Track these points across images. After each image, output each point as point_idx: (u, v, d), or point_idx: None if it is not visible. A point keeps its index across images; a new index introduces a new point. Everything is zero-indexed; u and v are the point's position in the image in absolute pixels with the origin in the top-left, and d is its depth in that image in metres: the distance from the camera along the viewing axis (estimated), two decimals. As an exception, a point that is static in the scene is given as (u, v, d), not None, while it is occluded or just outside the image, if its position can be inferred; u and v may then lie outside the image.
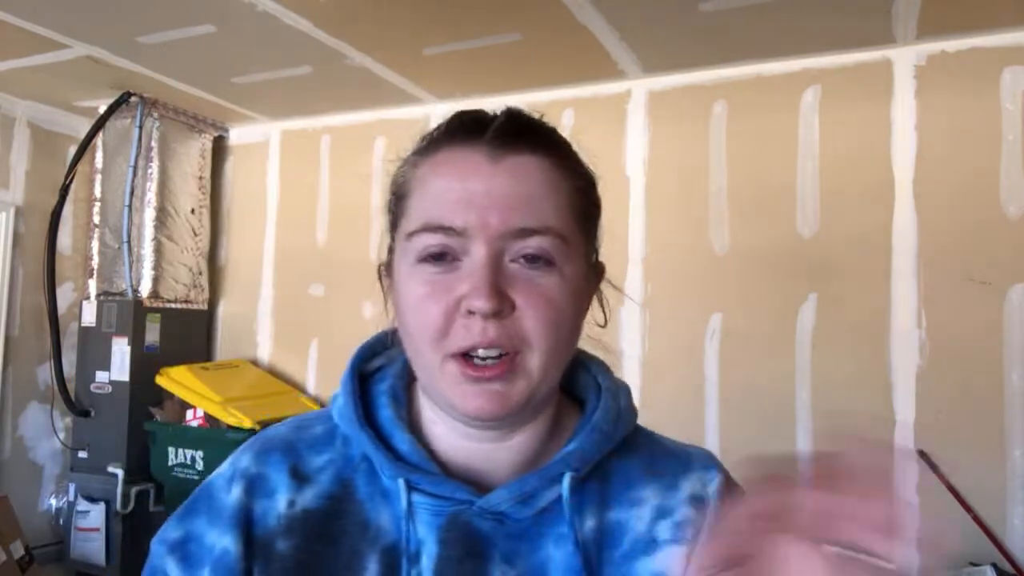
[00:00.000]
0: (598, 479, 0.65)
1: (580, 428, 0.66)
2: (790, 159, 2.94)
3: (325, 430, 0.67)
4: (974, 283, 2.66)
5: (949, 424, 2.65)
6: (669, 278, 3.09)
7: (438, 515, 0.61)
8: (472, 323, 0.56)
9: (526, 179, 0.59)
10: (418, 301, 0.58)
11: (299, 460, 0.65)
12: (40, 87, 3.51)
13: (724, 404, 2.98)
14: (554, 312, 0.58)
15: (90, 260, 3.75)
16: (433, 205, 0.59)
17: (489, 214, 0.57)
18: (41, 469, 3.81)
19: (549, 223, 0.58)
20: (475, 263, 0.57)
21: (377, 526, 0.62)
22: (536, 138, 0.61)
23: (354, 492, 0.63)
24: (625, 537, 0.63)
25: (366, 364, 0.71)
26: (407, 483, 0.61)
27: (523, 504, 0.61)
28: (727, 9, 2.51)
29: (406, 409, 0.66)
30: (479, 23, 2.67)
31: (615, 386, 0.70)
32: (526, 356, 0.58)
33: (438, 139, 0.62)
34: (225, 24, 2.73)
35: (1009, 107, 2.67)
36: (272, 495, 0.63)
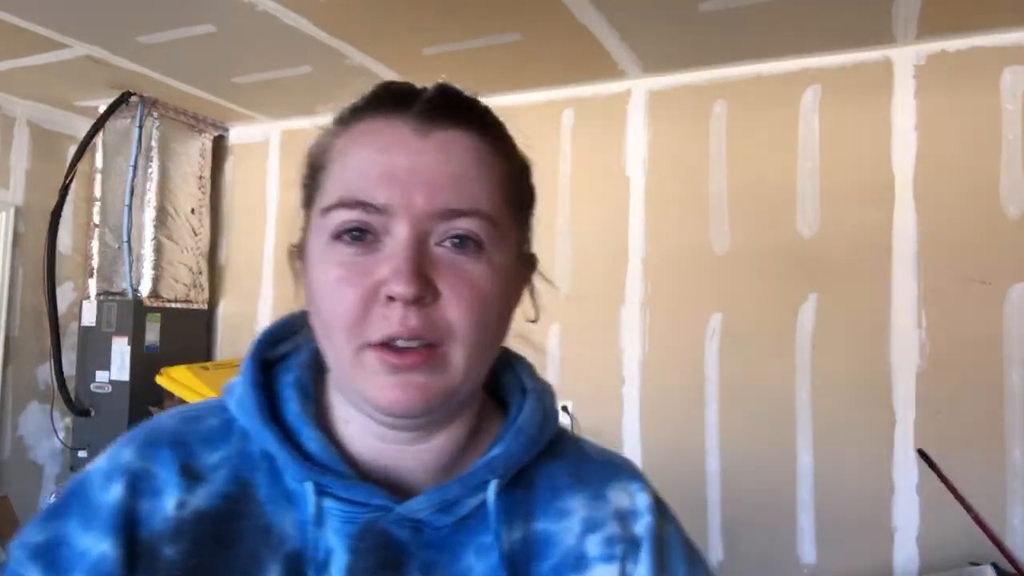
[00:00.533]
0: (522, 486, 0.61)
1: (505, 431, 0.61)
2: (790, 159, 2.94)
3: (220, 423, 0.60)
4: (974, 283, 2.66)
5: (949, 424, 2.65)
6: (669, 278, 3.09)
7: (350, 522, 0.55)
8: (391, 311, 0.51)
9: (456, 156, 0.54)
10: (332, 285, 0.53)
11: (190, 456, 0.58)
12: (40, 87, 3.51)
13: (724, 404, 2.98)
14: (481, 302, 0.53)
15: (90, 260, 3.75)
16: (352, 178, 0.54)
17: (414, 191, 0.52)
18: (41, 469, 3.81)
19: (479, 205, 0.53)
20: (397, 244, 0.52)
21: (280, 531, 0.56)
22: (468, 114, 0.56)
23: (254, 493, 0.57)
24: (553, 550, 0.60)
25: (270, 351, 0.63)
26: (317, 486, 0.55)
27: (443, 511, 0.57)
28: (727, 9, 2.51)
29: (315, 404, 0.60)
30: (479, 23, 2.67)
31: (540, 387, 0.65)
32: (450, 348, 0.53)
33: (361, 108, 0.57)
34: (225, 24, 2.73)
35: (1009, 107, 2.67)
36: (159, 494, 0.56)
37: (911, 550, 2.66)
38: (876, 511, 2.71)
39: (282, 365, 0.62)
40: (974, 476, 2.59)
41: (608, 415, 3.11)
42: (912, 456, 2.68)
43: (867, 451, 2.74)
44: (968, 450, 2.61)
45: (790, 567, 2.81)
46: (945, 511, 2.61)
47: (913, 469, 2.68)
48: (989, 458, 2.59)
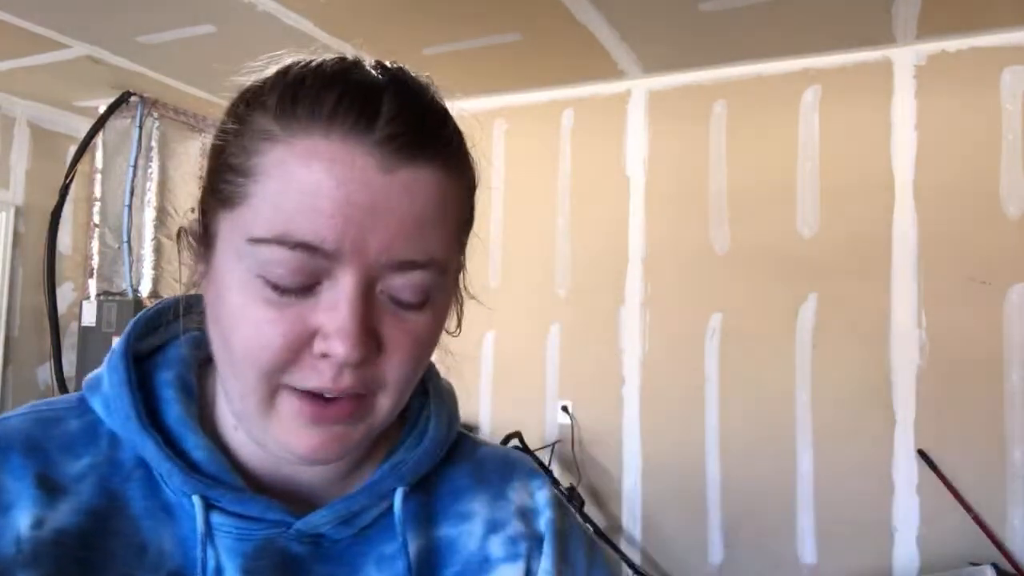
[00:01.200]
0: (423, 492, 0.58)
1: (406, 435, 0.58)
2: (790, 159, 2.94)
3: (82, 425, 0.52)
4: (974, 283, 2.66)
5: (949, 424, 2.65)
6: (669, 278, 3.09)
7: (243, 539, 0.50)
8: (324, 366, 0.45)
9: (421, 199, 0.46)
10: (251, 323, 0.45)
11: (48, 465, 0.49)
12: (40, 87, 3.51)
13: (724, 404, 2.98)
14: (421, 351, 0.49)
15: (90, 260, 3.75)
16: (295, 210, 0.44)
17: (369, 236, 0.44)
18: (41, 469, 3.81)
19: (435, 254, 0.47)
20: (341, 294, 0.45)
21: (158, 549, 0.49)
22: (435, 141, 0.48)
23: (125, 506, 0.50)
24: (456, 556, 0.57)
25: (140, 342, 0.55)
26: (204, 500, 0.49)
27: (345, 523, 0.53)
28: (727, 9, 2.51)
29: (197, 404, 0.53)
30: (479, 23, 2.67)
31: (444, 390, 0.62)
32: (378, 398, 0.49)
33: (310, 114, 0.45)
34: (225, 24, 2.73)
35: (1009, 107, 2.67)
36: (8, 510, 0.47)
37: (911, 550, 2.66)
38: (876, 511, 2.71)
39: (157, 359, 0.55)
40: (974, 476, 2.59)
41: (608, 415, 3.11)
42: (912, 456, 2.68)
43: (867, 451, 2.74)
44: (968, 450, 2.61)
45: (790, 567, 2.81)
46: (945, 511, 2.61)
47: (913, 469, 2.68)
48: (989, 458, 2.59)
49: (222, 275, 0.47)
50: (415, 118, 0.47)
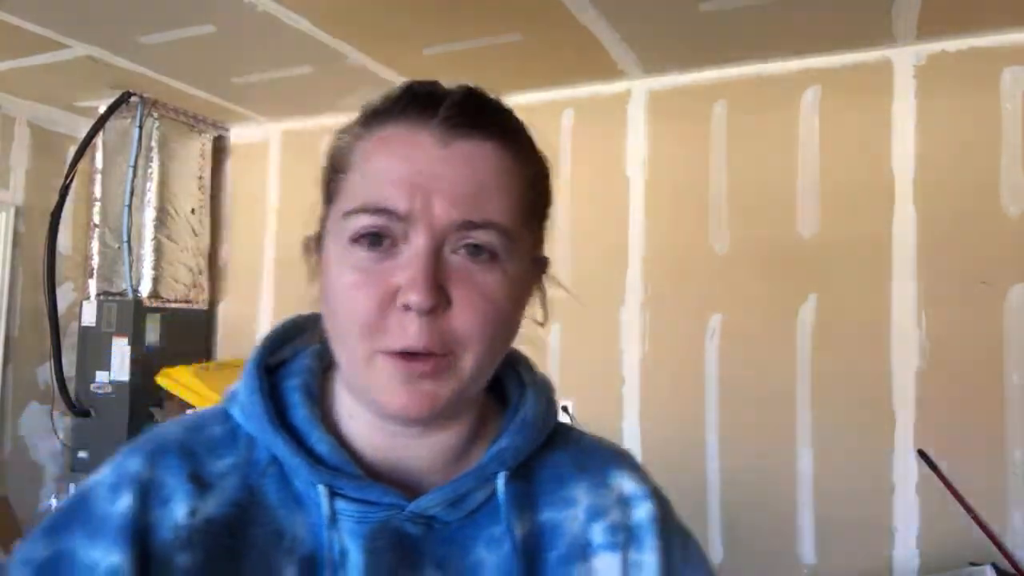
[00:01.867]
0: (524, 478, 0.62)
1: (508, 424, 0.62)
2: (790, 159, 2.94)
3: (225, 431, 0.60)
4: (974, 283, 2.66)
5: (949, 424, 2.65)
6: (669, 278, 3.09)
7: (363, 522, 0.56)
8: (408, 321, 0.52)
9: (477, 167, 0.55)
10: (348, 289, 0.54)
11: (198, 464, 0.57)
12: (40, 87, 3.51)
13: (724, 404, 2.97)
14: (493, 311, 0.54)
15: (90, 260, 3.75)
16: (374, 185, 0.55)
17: (435, 201, 0.53)
18: (41, 469, 3.81)
19: (496, 218, 0.54)
20: (414, 253, 0.53)
21: (292, 535, 0.56)
22: (492, 122, 0.57)
23: (263, 499, 0.57)
24: (560, 539, 0.61)
25: (271, 356, 0.64)
26: (329, 489, 0.56)
27: (454, 506, 0.58)
28: (727, 9, 2.51)
29: (320, 406, 0.61)
30: (479, 23, 2.67)
31: (540, 380, 0.68)
32: (460, 357, 0.54)
33: (384, 112, 0.58)
34: (225, 24, 2.73)
35: (1009, 107, 2.67)
36: (168, 503, 0.55)
37: (911, 550, 2.66)
38: (876, 511, 2.71)
39: (285, 370, 0.63)
40: (974, 476, 2.59)
41: (608, 415, 3.11)
42: (912, 456, 2.68)
43: (867, 451, 2.74)
44: (968, 450, 2.61)
45: (790, 567, 2.81)
46: (945, 511, 2.61)
47: (913, 469, 2.68)
48: (989, 458, 2.59)
49: (327, 257, 0.57)
50: (472, 107, 0.56)
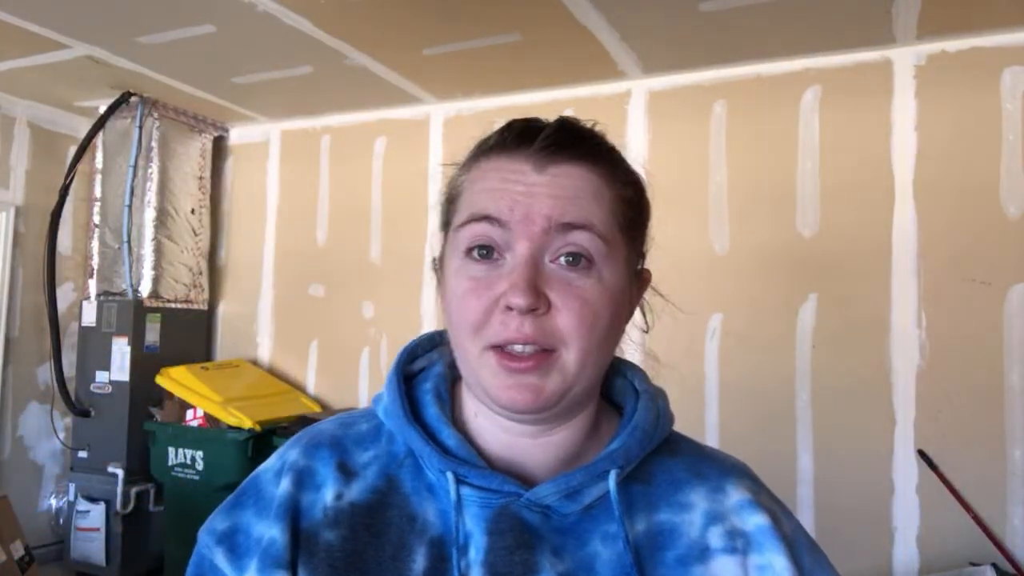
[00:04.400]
0: (643, 481, 0.66)
1: (621, 429, 0.67)
2: (790, 159, 2.94)
3: (370, 428, 0.69)
4: (974, 283, 2.66)
5: (949, 424, 2.65)
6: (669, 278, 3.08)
7: (485, 507, 0.62)
8: (509, 319, 0.58)
9: (568, 185, 0.61)
10: (462, 296, 0.61)
11: (346, 455, 0.67)
12: (40, 87, 3.51)
13: (724, 404, 2.98)
14: (590, 313, 0.60)
15: (90, 260, 3.75)
16: (480, 200, 0.62)
17: (532, 212, 0.60)
18: (41, 469, 3.81)
19: (590, 221, 0.60)
20: (516, 260, 0.59)
21: (424, 519, 0.63)
22: (582, 149, 0.63)
23: (399, 486, 0.65)
24: (678, 541, 0.64)
25: (409, 366, 0.72)
26: (456, 476, 0.62)
27: (569, 499, 0.63)
28: (727, 9, 2.51)
29: (450, 408, 0.68)
30: (479, 23, 2.67)
31: (653, 390, 0.73)
32: (561, 353, 0.59)
33: (490, 147, 0.65)
34: (225, 24, 2.73)
35: (1009, 107, 2.67)
36: (320, 488, 0.64)
37: (911, 550, 2.66)
38: (876, 511, 2.71)
39: (420, 376, 0.71)
40: (974, 476, 2.60)
41: (608, 415, 3.11)
42: (912, 456, 2.68)
43: (867, 451, 2.74)
44: (968, 450, 2.61)
45: (790, 567, 2.81)
46: (945, 511, 2.61)
47: (913, 469, 2.68)
48: (989, 458, 2.59)
49: (447, 272, 0.64)
50: (564, 136, 0.63)
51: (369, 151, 3.74)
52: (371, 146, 3.74)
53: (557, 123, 0.65)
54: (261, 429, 3.22)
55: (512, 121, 0.66)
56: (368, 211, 3.72)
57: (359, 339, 3.68)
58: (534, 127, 0.64)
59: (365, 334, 3.67)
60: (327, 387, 3.77)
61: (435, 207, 0.70)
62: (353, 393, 3.68)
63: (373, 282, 3.68)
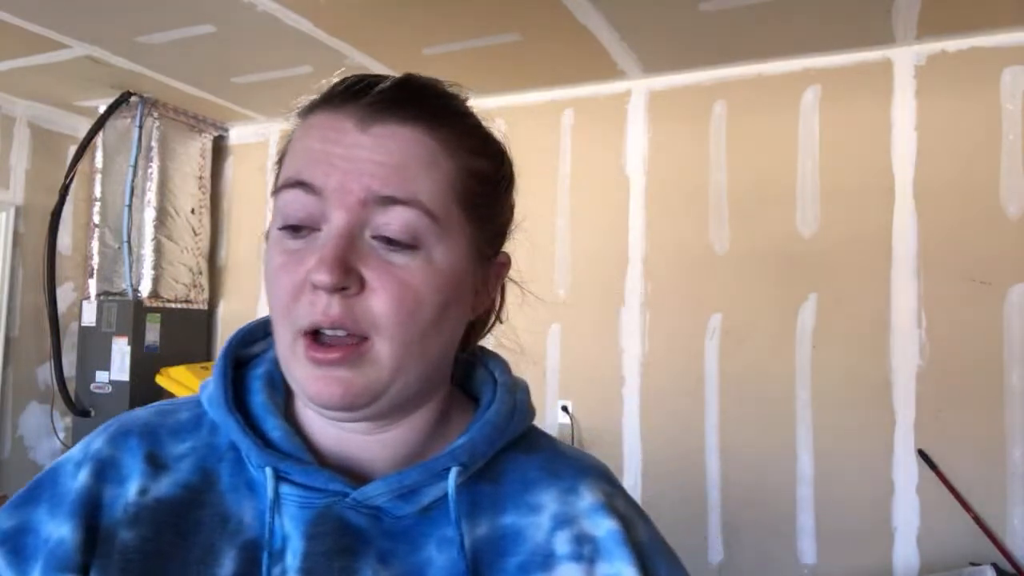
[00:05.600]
0: (491, 480, 0.60)
1: (473, 423, 0.61)
2: (790, 159, 2.95)
3: (191, 416, 0.62)
4: (974, 283, 2.66)
5: (949, 424, 2.65)
6: (669, 278, 3.09)
7: (307, 508, 0.55)
8: (317, 299, 0.52)
9: (395, 149, 0.53)
10: (274, 272, 0.55)
11: (157, 445, 0.59)
12: (40, 87, 3.51)
13: (724, 404, 2.98)
14: (410, 297, 0.52)
15: (90, 260, 3.75)
16: (296, 164, 0.55)
17: (349, 179, 0.52)
18: (41, 469, 3.80)
19: (417, 196, 0.53)
20: (328, 233, 0.53)
21: (239, 519, 0.56)
22: (420, 108, 0.55)
23: (216, 482, 0.58)
24: (521, 546, 0.58)
25: (245, 349, 0.65)
26: (275, 472, 0.55)
27: (403, 500, 0.56)
28: (727, 9, 2.51)
29: (283, 396, 0.61)
30: (479, 23, 2.67)
31: (512, 381, 0.65)
32: (376, 344, 0.53)
33: (317, 102, 0.58)
34: (225, 24, 2.73)
35: (1009, 107, 2.67)
36: (123, 482, 0.57)
37: (911, 550, 2.66)
38: (876, 511, 2.71)
39: (255, 361, 0.64)
40: (974, 476, 2.60)
41: (608, 415, 3.11)
42: (912, 456, 2.68)
43: (867, 451, 2.74)
44: (968, 450, 2.61)
45: (790, 567, 2.81)
46: (945, 511, 2.61)
47: (913, 469, 2.68)
48: (989, 458, 2.59)
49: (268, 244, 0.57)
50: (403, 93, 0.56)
51: (369, 151, 3.74)
52: (371, 146, 3.73)
53: (397, 79, 0.57)
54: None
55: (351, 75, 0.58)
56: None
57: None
58: (370, 81, 0.56)
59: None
60: (327, 387, 3.76)
61: None
62: (353, 393, 3.68)
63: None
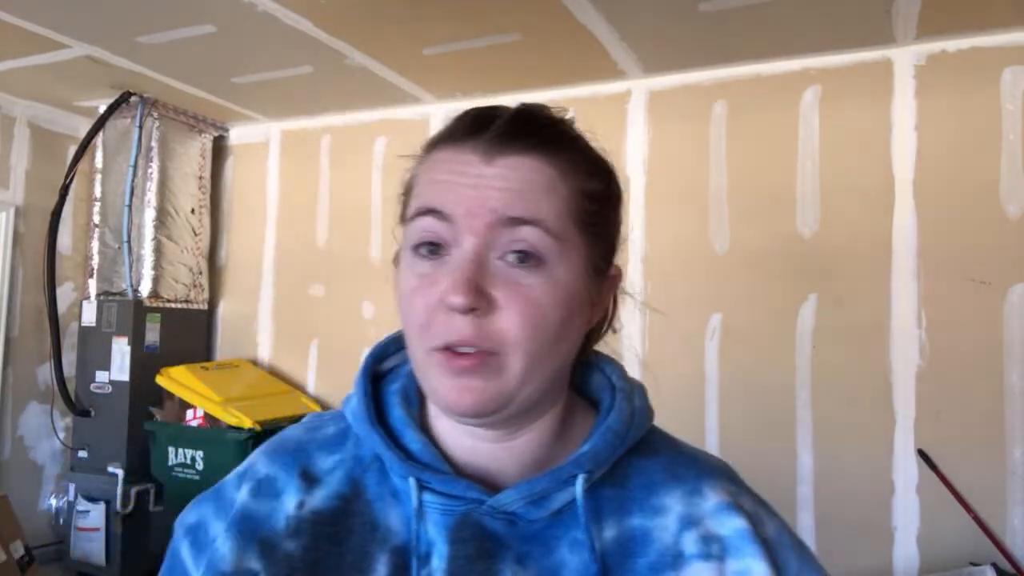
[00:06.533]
0: (616, 484, 0.63)
1: (595, 429, 0.64)
2: (790, 159, 2.94)
3: (337, 431, 0.68)
4: (974, 283, 2.66)
5: (949, 424, 2.65)
6: (669, 278, 3.09)
7: (448, 514, 0.60)
8: (451, 319, 0.56)
9: (518, 178, 0.58)
10: (408, 294, 0.59)
11: (309, 461, 0.65)
12: (40, 87, 3.51)
13: (724, 404, 2.98)
14: (537, 314, 0.56)
15: (90, 260, 3.75)
16: (427, 194, 0.59)
17: (476, 206, 0.57)
18: (41, 469, 3.81)
19: (540, 217, 0.57)
20: (458, 257, 0.56)
21: (386, 526, 0.61)
22: (536, 139, 0.59)
23: (364, 492, 0.63)
24: (650, 547, 0.61)
25: (379, 365, 0.70)
26: (418, 482, 0.60)
27: (535, 505, 0.60)
28: (727, 9, 2.51)
29: (418, 409, 0.66)
30: (479, 23, 2.67)
31: (630, 386, 0.69)
32: (505, 356, 0.56)
33: (441, 138, 0.62)
34: (225, 24, 2.73)
35: (1009, 107, 2.67)
36: (279, 496, 0.63)
37: (911, 550, 2.66)
38: (876, 511, 2.71)
39: (389, 377, 0.69)
40: (974, 476, 2.59)
41: (608, 415, 3.11)
42: (912, 456, 2.68)
43: (867, 451, 2.74)
44: (968, 450, 2.61)
45: (790, 567, 2.81)
46: (945, 511, 2.61)
47: (913, 469, 2.68)
48: (989, 458, 2.59)
49: (400, 267, 0.61)
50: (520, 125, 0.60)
51: (369, 151, 3.74)
52: (371, 146, 3.74)
53: (513, 111, 0.61)
54: (261, 429, 3.22)
55: (469, 109, 0.63)
56: (368, 211, 3.72)
57: (359, 339, 3.67)
58: (488, 115, 0.60)
59: (365, 334, 3.66)
60: (327, 387, 3.77)
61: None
62: (353, 393, 3.68)
63: (373, 282, 3.68)
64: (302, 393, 3.75)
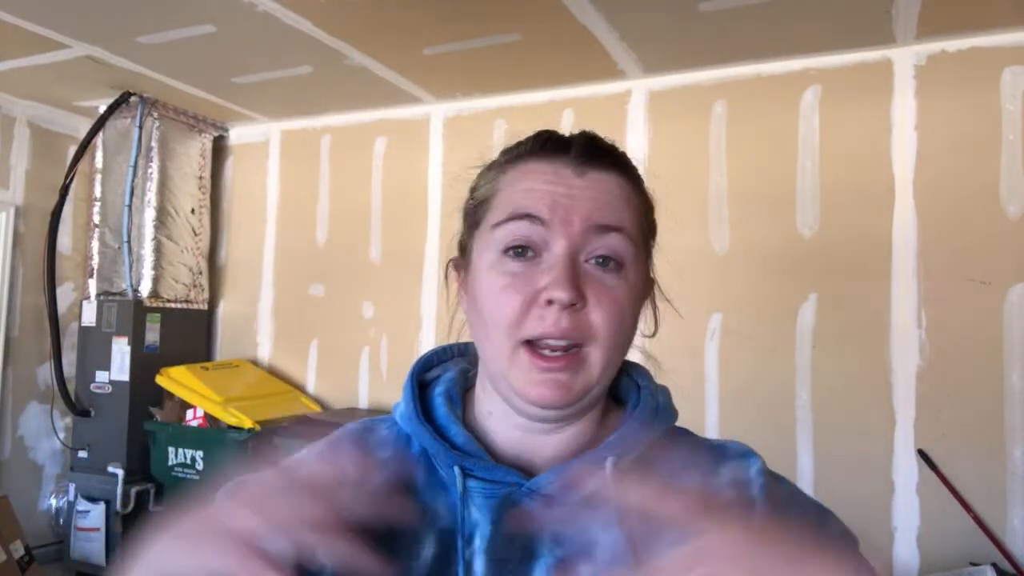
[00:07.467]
0: (644, 470, 0.69)
1: (622, 423, 0.71)
2: (790, 159, 2.94)
3: (389, 432, 0.75)
4: (974, 283, 2.66)
5: (949, 424, 2.65)
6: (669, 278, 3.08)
7: (490, 497, 0.66)
8: (548, 313, 0.62)
9: (605, 190, 0.66)
10: (499, 291, 0.64)
11: (367, 451, 0.72)
12: (40, 87, 3.51)
13: (724, 404, 2.98)
14: (619, 312, 0.64)
15: (90, 260, 3.75)
16: (521, 199, 0.65)
17: (572, 212, 0.63)
18: (41, 469, 3.81)
19: (623, 224, 0.65)
20: (555, 257, 0.63)
21: (434, 511, 0.67)
22: (613, 158, 0.68)
23: (413, 483, 0.70)
24: None
25: (423, 375, 0.77)
26: (462, 469, 0.66)
27: (569, 488, 0.66)
28: (727, 9, 2.51)
29: (461, 409, 0.73)
30: (479, 23, 2.67)
31: (654, 387, 0.77)
32: (590, 350, 0.63)
33: (526, 152, 0.69)
34: (225, 24, 2.73)
35: (1009, 107, 2.67)
36: None
37: (911, 550, 2.66)
38: (876, 511, 2.71)
39: (434, 383, 0.76)
40: (974, 476, 2.59)
41: (608, 415, 3.11)
42: (912, 456, 2.68)
43: (867, 451, 2.74)
44: (968, 450, 2.61)
45: (790, 567, 2.81)
46: (945, 511, 2.61)
47: (913, 469, 2.68)
48: (989, 458, 2.59)
49: (476, 269, 0.67)
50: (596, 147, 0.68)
51: (369, 151, 3.74)
52: (371, 146, 3.74)
53: (587, 134, 0.69)
54: (261, 429, 3.22)
55: (541, 131, 0.70)
56: (368, 211, 3.72)
57: (359, 339, 3.68)
58: (562, 137, 0.69)
59: (365, 334, 3.67)
60: (327, 387, 3.77)
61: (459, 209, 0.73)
62: (353, 393, 3.68)
63: (373, 282, 3.68)
64: (302, 393, 3.75)
